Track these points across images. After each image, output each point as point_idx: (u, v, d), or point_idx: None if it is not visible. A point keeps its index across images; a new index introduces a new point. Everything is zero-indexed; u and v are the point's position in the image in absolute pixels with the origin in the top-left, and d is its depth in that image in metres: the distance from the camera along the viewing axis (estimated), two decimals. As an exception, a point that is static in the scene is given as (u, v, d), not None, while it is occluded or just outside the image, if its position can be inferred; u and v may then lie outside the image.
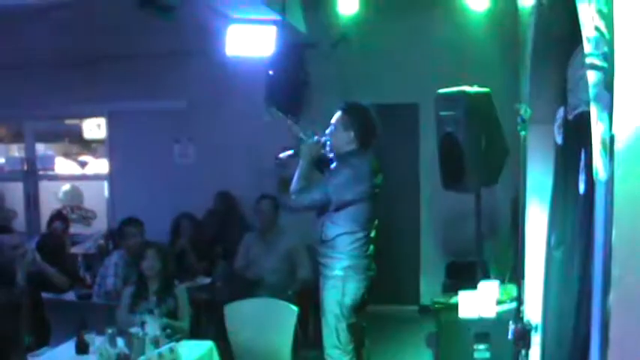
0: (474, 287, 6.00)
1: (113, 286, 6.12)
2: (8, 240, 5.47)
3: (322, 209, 4.78)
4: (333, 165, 4.90)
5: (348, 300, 4.71)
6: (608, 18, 2.05)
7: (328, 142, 4.93)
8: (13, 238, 5.57)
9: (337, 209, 4.72)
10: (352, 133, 4.84)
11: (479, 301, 5.90)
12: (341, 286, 4.70)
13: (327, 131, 4.93)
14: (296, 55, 8.07)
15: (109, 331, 4.41)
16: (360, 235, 4.75)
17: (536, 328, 3.47)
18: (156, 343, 4.26)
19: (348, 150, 4.85)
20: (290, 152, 5.01)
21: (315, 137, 4.93)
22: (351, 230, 4.72)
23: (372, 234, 4.85)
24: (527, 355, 3.48)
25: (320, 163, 5.01)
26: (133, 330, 4.34)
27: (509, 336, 3.49)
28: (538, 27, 4.13)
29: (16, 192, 10.66)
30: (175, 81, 8.72)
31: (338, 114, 4.92)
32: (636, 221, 1.97)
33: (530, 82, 4.44)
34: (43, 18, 7.72)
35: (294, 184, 4.82)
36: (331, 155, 4.94)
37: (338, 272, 4.71)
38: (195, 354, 4.43)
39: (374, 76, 8.07)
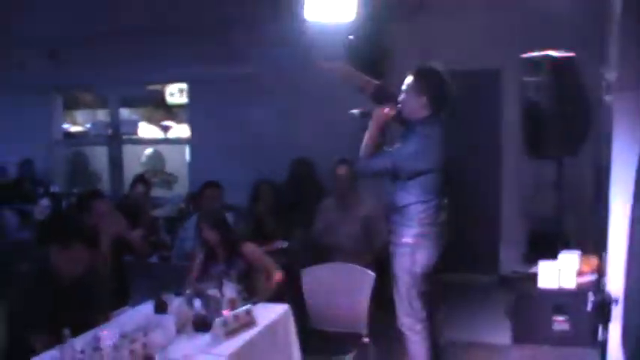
0: (555, 258, 5.91)
1: (192, 249, 6.23)
2: (98, 206, 5.61)
3: (394, 177, 4.70)
4: (404, 133, 4.77)
5: (419, 268, 4.66)
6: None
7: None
8: (104, 204, 5.70)
9: (409, 178, 4.62)
10: (425, 99, 4.66)
11: (559, 272, 5.81)
12: (411, 253, 4.65)
13: (400, 97, 4.80)
14: (377, 21, 7.98)
15: (187, 292, 4.50)
16: (432, 203, 4.64)
17: (617, 301, 3.37)
18: (232, 305, 4.33)
19: (421, 117, 4.69)
20: (361, 110, 4.89)
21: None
22: (423, 199, 4.62)
23: (445, 202, 4.74)
24: (606, 328, 3.40)
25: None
26: (210, 291, 4.42)
27: (589, 308, 3.41)
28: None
29: (101, 156, 10.95)
30: (255, 47, 8.74)
31: (409, 78, 4.75)
32: None
33: (618, 45, 4.29)
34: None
35: (362, 149, 4.76)
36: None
37: (408, 240, 4.66)
38: (272, 316, 4.48)
39: (455, 41, 7.92)
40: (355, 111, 4.91)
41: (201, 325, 4.18)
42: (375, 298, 5.13)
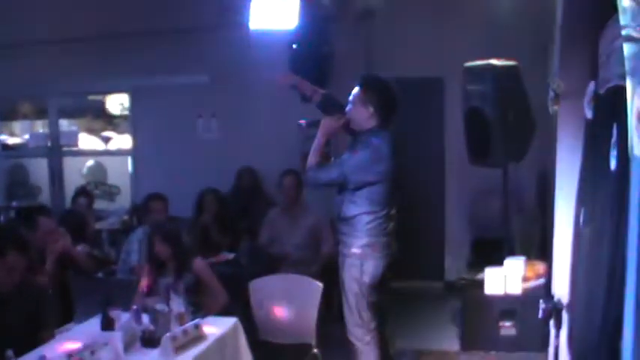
0: (500, 264, 5.97)
1: (137, 263, 6.14)
2: (44, 223, 5.50)
3: (342, 187, 4.68)
4: (353, 143, 4.75)
5: (367, 278, 4.64)
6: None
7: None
8: (49, 221, 5.59)
9: (357, 189, 4.60)
10: (372, 109, 4.66)
11: (505, 278, 5.87)
12: (359, 264, 4.63)
13: (347, 108, 4.77)
14: (320, 28, 7.98)
15: (134, 307, 4.42)
16: (381, 214, 4.63)
17: (566, 307, 3.42)
18: (181, 320, 4.27)
19: (368, 127, 4.68)
20: (309, 120, 4.88)
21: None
22: (371, 210, 4.61)
23: (393, 212, 4.73)
24: (558, 334, 3.44)
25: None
26: (158, 306, 4.34)
27: (540, 315, 3.45)
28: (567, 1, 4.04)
29: (40, 168, 10.70)
30: (198, 56, 8.68)
31: (356, 89, 4.73)
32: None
33: (559, 55, 4.36)
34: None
35: (309, 159, 4.72)
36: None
37: (356, 250, 4.64)
38: (221, 330, 4.42)
39: (399, 49, 7.98)
40: (302, 121, 4.89)
41: (150, 341, 4.10)
42: (324, 308, 5.12)
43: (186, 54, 8.73)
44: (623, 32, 2.12)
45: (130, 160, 10.16)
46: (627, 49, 2.13)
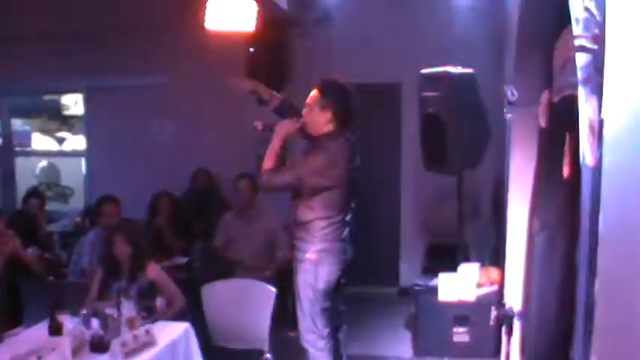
0: (454, 270, 6.00)
1: (89, 265, 6.05)
2: None
3: (297, 192, 4.62)
4: (308, 147, 4.68)
5: (321, 284, 4.56)
6: (598, -2, 1.99)
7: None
8: None
9: (312, 193, 4.53)
10: (329, 114, 4.59)
11: (459, 284, 5.89)
12: (313, 270, 4.55)
13: (304, 111, 4.71)
14: (278, 32, 7.97)
15: (84, 312, 4.34)
16: (336, 219, 4.57)
17: (518, 314, 3.44)
18: (131, 325, 4.20)
19: (325, 132, 4.62)
20: (263, 123, 4.78)
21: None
22: (326, 215, 4.54)
23: (348, 217, 4.68)
24: (508, 341, 3.46)
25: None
26: (108, 311, 4.27)
27: (491, 322, 3.46)
28: (524, 8, 4.08)
29: (-9, 168, 10.51)
30: (155, 56, 8.60)
31: (314, 93, 4.67)
32: (625, 209, 1.92)
33: (514, 64, 4.40)
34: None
35: (264, 162, 4.62)
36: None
37: (310, 256, 4.56)
38: (172, 335, 4.37)
39: (357, 54, 7.97)
40: (258, 124, 4.82)
41: (99, 346, 4.03)
42: (277, 313, 5.08)
43: (141, 55, 8.65)
44: (576, 42, 2.13)
45: (84, 161, 10.02)
46: (580, 59, 2.14)
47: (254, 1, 6.52)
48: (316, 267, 4.55)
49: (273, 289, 5.06)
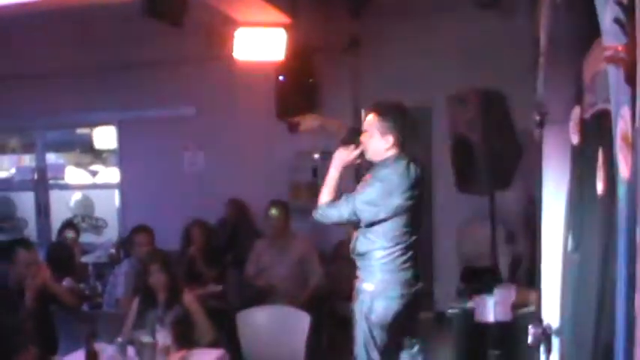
0: (490, 292, 5.92)
1: (123, 295, 6.07)
2: (23, 256, 5.35)
3: (354, 224, 4.36)
4: (366, 176, 4.40)
5: (376, 317, 4.28)
6: (627, 8, 1.96)
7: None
8: (29, 254, 5.41)
9: (369, 225, 4.29)
10: (392, 138, 4.36)
11: (495, 306, 5.81)
12: (369, 302, 4.28)
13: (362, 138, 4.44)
14: (306, 59, 8.00)
15: (119, 340, 4.35)
16: (395, 249, 4.29)
17: (556, 332, 3.37)
18: (167, 352, 4.20)
19: (384, 158, 4.37)
20: (321, 152, 4.60)
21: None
22: (386, 246, 4.28)
23: (412, 240, 4.38)
24: (547, 359, 3.39)
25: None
26: (144, 339, 4.27)
27: (530, 340, 3.39)
28: (552, 23, 4.04)
29: (27, 201, 10.66)
30: (184, 88, 8.69)
31: (371, 117, 4.41)
32: (662, 220, 1.87)
33: (543, 80, 4.36)
34: (52, 28, 7.73)
35: (321, 196, 4.39)
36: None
37: (368, 287, 4.30)
38: (207, 362, 4.36)
39: (385, 79, 7.97)
40: (316, 155, 4.61)
41: (134, 374, 4.03)
42: (313, 340, 5.05)
43: (171, 86, 8.73)
44: (606, 53, 2.10)
45: (117, 193, 10.11)
46: (611, 71, 2.10)
47: (283, 30, 6.56)
48: (372, 299, 4.30)
49: (308, 316, 5.04)
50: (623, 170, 2.02)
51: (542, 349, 3.26)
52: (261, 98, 8.11)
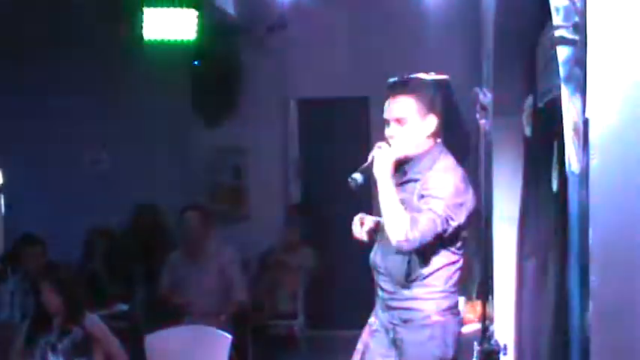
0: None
1: (9, 319, 5.96)
2: None
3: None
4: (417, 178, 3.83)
5: (452, 351, 3.75)
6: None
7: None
8: None
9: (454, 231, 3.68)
10: (435, 121, 3.86)
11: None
12: (441, 334, 3.72)
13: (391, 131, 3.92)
14: (224, 42, 7.96)
15: (5, 369, 4.29)
16: (458, 265, 3.81)
17: (505, 348, 3.43)
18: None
19: (427, 148, 3.86)
20: (360, 170, 3.91)
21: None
22: (455, 259, 3.78)
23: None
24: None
25: None
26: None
27: (474, 358, 3.44)
28: (501, 3, 4.13)
29: None
30: (84, 74, 8.53)
31: (404, 100, 3.89)
32: (615, 219, 1.92)
33: (492, 67, 4.44)
34: None
35: (395, 221, 3.67)
36: None
37: (436, 317, 3.72)
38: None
39: (316, 66, 7.99)
40: (356, 175, 3.94)
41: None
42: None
43: (70, 71, 8.54)
44: (557, 33, 2.16)
45: (1, 198, 9.87)
46: (561, 53, 2.17)
47: (194, 10, 6.56)
48: (445, 330, 3.76)
49: (229, 336, 5.03)
50: (574, 163, 2.09)
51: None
52: (174, 86, 8.05)
